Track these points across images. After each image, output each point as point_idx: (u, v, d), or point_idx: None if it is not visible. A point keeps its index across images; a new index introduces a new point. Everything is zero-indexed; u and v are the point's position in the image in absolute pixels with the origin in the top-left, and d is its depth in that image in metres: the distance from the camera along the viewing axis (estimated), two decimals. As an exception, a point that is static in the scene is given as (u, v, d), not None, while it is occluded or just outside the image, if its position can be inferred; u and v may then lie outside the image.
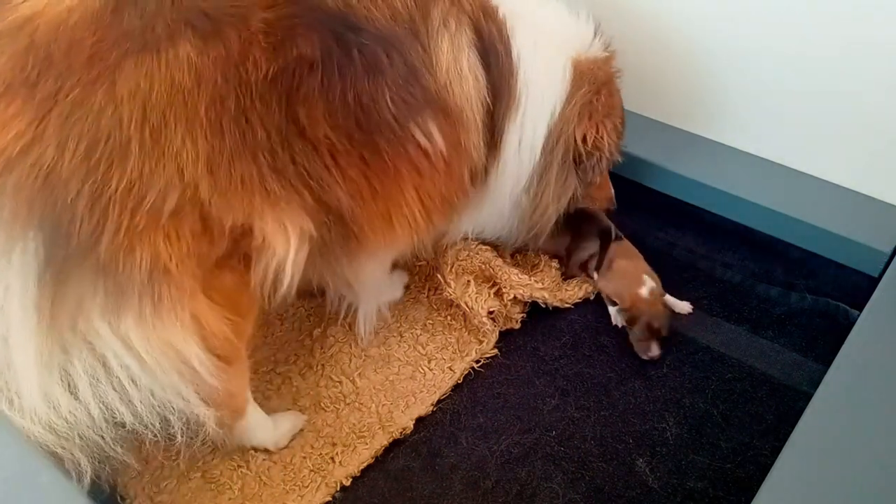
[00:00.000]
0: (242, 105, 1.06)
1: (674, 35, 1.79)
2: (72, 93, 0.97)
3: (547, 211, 1.57)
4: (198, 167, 1.03)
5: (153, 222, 1.02)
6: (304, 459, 1.40)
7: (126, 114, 0.98)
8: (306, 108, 1.12)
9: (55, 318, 1.00)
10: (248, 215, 1.10)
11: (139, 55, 0.99)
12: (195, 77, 1.02)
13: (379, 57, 1.18)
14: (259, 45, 1.07)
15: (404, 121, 1.21)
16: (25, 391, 1.01)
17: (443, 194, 1.34)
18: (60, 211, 0.96)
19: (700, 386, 1.53)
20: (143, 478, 1.36)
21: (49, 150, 0.95)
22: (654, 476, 1.38)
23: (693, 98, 1.86)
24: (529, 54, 1.39)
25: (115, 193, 0.98)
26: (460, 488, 1.37)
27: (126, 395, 1.08)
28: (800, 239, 1.71)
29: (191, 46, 1.02)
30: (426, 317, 1.66)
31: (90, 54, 0.98)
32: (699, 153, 1.84)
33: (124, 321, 1.03)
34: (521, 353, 1.61)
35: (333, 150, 1.16)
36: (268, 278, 1.19)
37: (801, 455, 1.20)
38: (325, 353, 1.59)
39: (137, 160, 0.99)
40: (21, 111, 0.95)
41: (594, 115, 1.49)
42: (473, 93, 1.31)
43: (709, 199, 1.79)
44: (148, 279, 1.03)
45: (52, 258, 0.97)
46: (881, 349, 1.35)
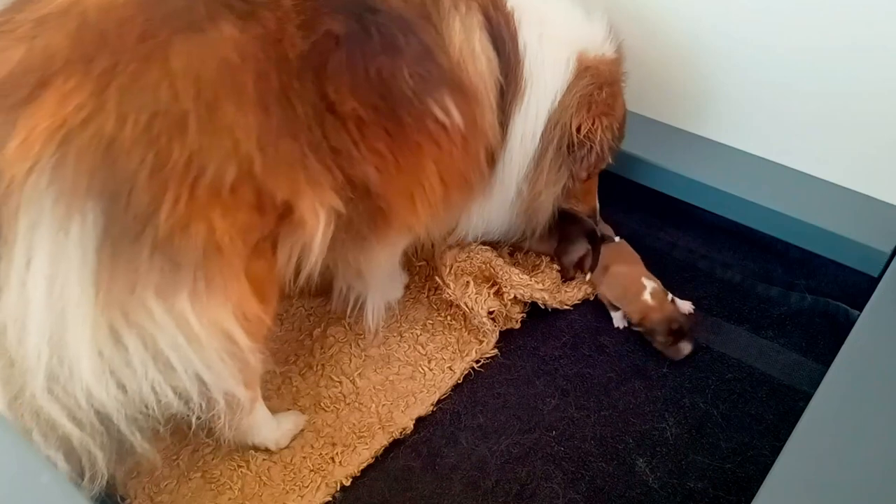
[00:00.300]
0: (283, 82, 1.10)
1: (674, 34, 1.78)
2: (128, 67, 0.99)
3: (541, 197, 1.58)
4: (251, 142, 1.07)
5: (214, 195, 1.05)
6: (304, 459, 1.40)
7: (181, 88, 1.01)
8: (334, 83, 1.16)
9: (111, 293, 1.00)
10: (293, 192, 1.14)
11: (187, 33, 1.03)
12: (240, 54, 1.06)
13: (396, 36, 1.22)
14: (293, 22, 1.12)
15: (422, 95, 1.25)
16: (78, 371, 1.01)
17: (460, 170, 1.37)
18: (121, 182, 0.98)
19: (700, 386, 1.53)
20: (143, 478, 1.36)
21: (110, 121, 0.97)
22: (654, 476, 1.38)
23: (693, 98, 1.86)
24: (535, 46, 1.42)
25: (176, 165, 1.00)
26: (460, 488, 1.37)
27: (171, 376, 1.09)
28: (800, 239, 1.71)
29: (232, 25, 1.06)
30: (426, 317, 1.66)
31: (141, 31, 1.01)
32: (699, 153, 1.84)
33: (179, 299, 1.05)
34: (521, 353, 1.61)
35: (360, 123, 1.20)
36: (292, 261, 1.23)
37: (801, 455, 1.20)
38: (325, 353, 1.59)
39: (196, 133, 1.02)
40: (81, 85, 0.97)
41: (593, 108, 1.50)
42: (487, 72, 1.35)
43: (709, 199, 1.79)
44: (202, 256, 1.05)
45: (110, 230, 0.98)
46: (881, 349, 1.35)
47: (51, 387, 1.01)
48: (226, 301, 1.09)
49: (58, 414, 1.03)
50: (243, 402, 1.24)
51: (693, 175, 1.79)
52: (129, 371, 1.05)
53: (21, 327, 0.98)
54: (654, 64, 1.82)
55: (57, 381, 1.01)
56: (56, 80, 0.97)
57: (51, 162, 0.95)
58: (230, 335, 1.11)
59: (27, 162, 0.94)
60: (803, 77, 1.66)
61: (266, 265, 1.19)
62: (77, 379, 1.01)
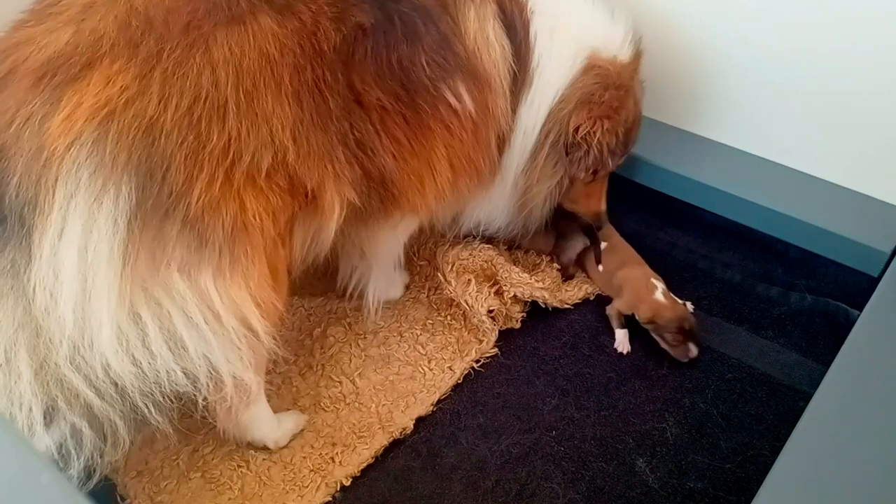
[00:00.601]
0: (317, 75, 1.15)
1: (674, 34, 1.78)
2: (173, 54, 1.04)
3: (532, 191, 1.57)
4: (285, 132, 1.12)
5: (250, 180, 1.10)
6: (304, 459, 1.40)
7: (222, 76, 1.06)
8: (360, 74, 1.21)
9: (138, 266, 1.03)
10: (320, 182, 1.19)
11: (228, 25, 1.08)
12: (279, 47, 1.11)
13: (416, 24, 1.26)
14: (326, 16, 1.16)
15: (437, 82, 1.29)
16: (97, 338, 1.03)
17: (470, 156, 1.39)
18: (158, 160, 1.02)
19: (700, 386, 1.53)
20: (143, 478, 1.36)
21: (153, 103, 1.02)
22: (654, 476, 1.38)
23: (693, 98, 1.86)
24: (545, 38, 1.43)
25: (213, 149, 1.06)
26: (460, 488, 1.37)
27: (182, 355, 1.10)
28: (800, 239, 1.71)
29: (271, 20, 1.11)
30: (426, 317, 1.66)
31: (187, 21, 1.06)
32: (699, 153, 1.84)
33: (203, 275, 1.08)
34: (521, 353, 1.61)
35: (384, 112, 1.24)
36: (305, 246, 1.29)
37: (801, 455, 1.20)
38: (325, 353, 1.59)
39: (235, 119, 1.07)
40: (126, 67, 1.02)
41: (594, 108, 1.48)
42: (500, 61, 1.38)
43: (709, 199, 1.79)
44: (231, 234, 1.09)
45: (142, 205, 1.02)
46: (881, 349, 1.35)
47: (72, 356, 1.03)
48: (248, 282, 1.13)
49: (79, 383, 1.05)
50: (251, 387, 1.25)
51: (693, 175, 1.79)
52: (142, 347, 1.07)
53: (49, 295, 1.01)
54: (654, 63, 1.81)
55: (78, 351, 1.03)
56: (103, 62, 1.02)
57: (91, 137, 0.99)
58: (246, 317, 1.14)
59: (69, 137, 0.99)
60: (803, 77, 1.66)
61: (283, 253, 1.23)
62: (97, 350, 1.04)
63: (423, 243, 1.77)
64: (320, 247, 1.32)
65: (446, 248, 1.69)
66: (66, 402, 1.06)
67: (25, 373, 1.04)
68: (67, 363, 1.03)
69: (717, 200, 1.78)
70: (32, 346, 1.03)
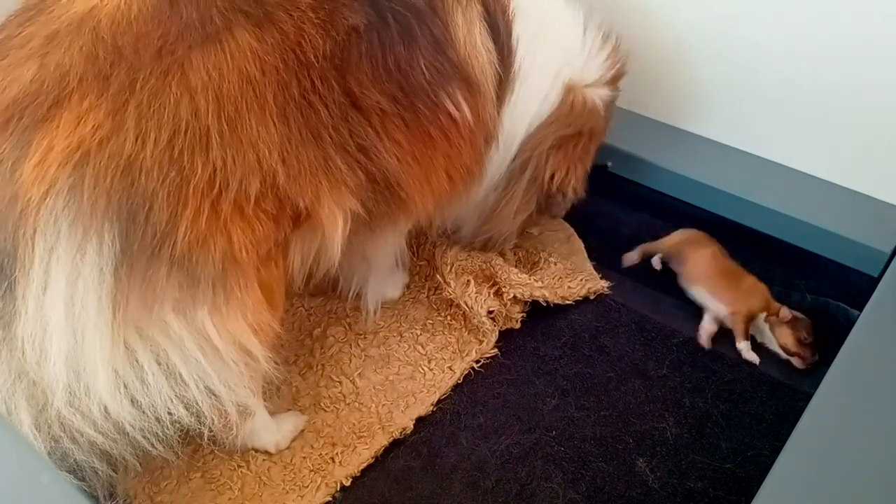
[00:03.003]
0: (304, 87, 1.08)
1: (673, 32, 1.79)
2: (147, 84, 0.97)
3: (503, 222, 1.57)
4: (273, 155, 1.06)
5: (237, 210, 1.04)
6: (304, 459, 1.40)
7: (202, 105, 1.00)
8: (356, 77, 1.14)
9: (129, 310, 1.00)
10: (315, 199, 1.14)
11: (204, 46, 1.01)
12: (260, 66, 1.04)
13: (412, 24, 1.20)
14: (312, 22, 1.09)
15: (437, 88, 1.24)
16: (95, 389, 1.01)
17: (466, 163, 1.37)
18: (139, 201, 0.97)
19: (700, 386, 1.53)
20: (143, 478, 1.36)
21: (129, 140, 0.96)
22: (654, 476, 1.38)
23: (693, 97, 1.86)
24: (528, 43, 1.39)
25: (199, 182, 1.00)
26: (460, 488, 1.37)
27: (183, 391, 1.09)
28: (800, 239, 1.71)
29: (249, 35, 1.04)
30: (426, 317, 1.66)
31: (158, 46, 0.99)
32: (699, 153, 1.84)
33: (199, 313, 1.04)
34: (521, 353, 1.60)
35: (383, 115, 1.19)
36: (306, 264, 1.25)
37: (801, 455, 1.20)
38: (325, 353, 1.59)
39: (219, 149, 1.01)
40: (97, 103, 0.96)
41: (568, 155, 1.49)
42: (487, 65, 1.34)
43: (709, 199, 1.79)
44: (222, 269, 1.04)
45: (127, 250, 0.97)
46: (881, 349, 1.35)
47: (71, 402, 1.01)
48: (244, 313, 1.09)
49: (81, 425, 1.03)
50: (254, 410, 1.24)
51: (693, 175, 1.79)
52: (142, 387, 1.05)
53: (39, 350, 0.98)
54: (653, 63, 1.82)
55: (76, 398, 1.01)
56: (71, 99, 0.95)
57: (67, 184, 0.94)
58: (246, 347, 1.12)
59: (43, 185, 0.94)
60: (803, 76, 1.66)
61: (277, 273, 1.18)
62: (94, 395, 1.01)
63: (422, 244, 1.77)
64: (328, 261, 1.28)
65: (444, 249, 1.69)
66: (72, 442, 1.05)
67: (26, 420, 1.03)
68: (68, 408, 1.02)
69: (717, 200, 1.78)
70: (31, 394, 1.02)
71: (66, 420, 1.03)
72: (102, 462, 1.10)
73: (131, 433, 1.06)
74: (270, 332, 1.17)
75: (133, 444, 1.08)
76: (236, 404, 1.16)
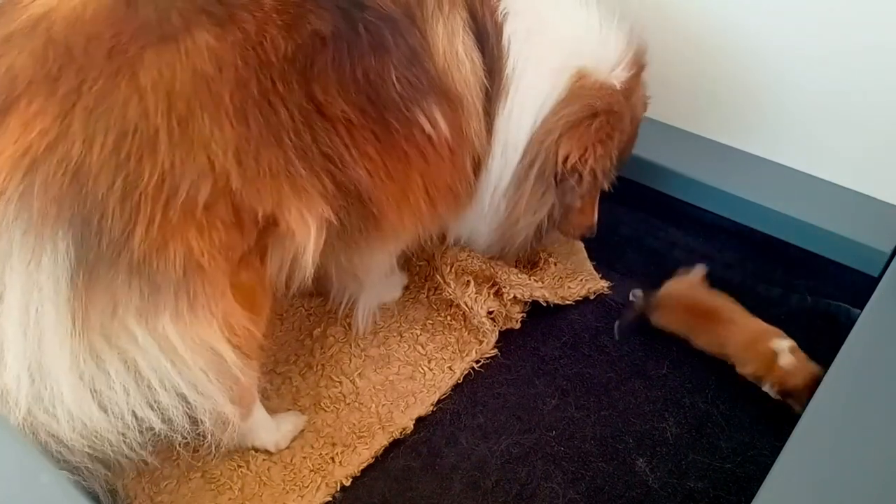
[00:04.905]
0: (264, 87, 1.05)
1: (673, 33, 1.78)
2: (95, 86, 0.95)
3: (518, 223, 1.48)
4: (227, 156, 1.02)
5: (188, 215, 1.00)
6: (305, 459, 1.40)
7: (151, 104, 0.96)
8: (321, 84, 1.10)
9: (89, 321, 0.98)
10: (276, 204, 1.10)
11: (158, 46, 0.98)
12: (216, 64, 1.01)
13: (384, 35, 1.16)
14: (275, 23, 1.06)
15: (410, 103, 1.20)
16: (59, 397, 1.00)
17: (447, 183, 1.32)
18: (90, 208, 0.94)
19: (700, 386, 1.53)
20: (143, 478, 1.36)
21: (76, 145, 0.93)
22: (654, 476, 1.38)
23: (692, 97, 1.86)
24: (521, 42, 1.32)
25: (147, 186, 0.96)
26: (460, 488, 1.37)
27: (154, 397, 1.07)
28: (800, 239, 1.71)
29: (208, 34, 1.01)
30: (426, 317, 1.66)
31: (110, 47, 0.96)
32: (699, 153, 1.84)
33: (161, 320, 1.02)
34: (521, 353, 1.60)
35: (350, 126, 1.14)
36: (284, 270, 1.20)
37: (801, 455, 1.20)
38: (325, 353, 1.59)
39: (167, 151, 0.97)
40: (44, 108, 0.93)
41: (583, 136, 1.37)
42: (472, 77, 1.28)
43: (709, 199, 1.79)
44: (183, 275, 1.02)
45: (83, 258, 0.95)
46: (881, 349, 1.35)
47: (42, 408, 1.01)
48: (211, 318, 1.07)
49: (57, 430, 1.03)
50: (232, 419, 1.21)
51: (693, 175, 1.79)
52: (111, 393, 1.04)
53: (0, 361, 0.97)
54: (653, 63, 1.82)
55: (44, 403, 1.00)
56: (19, 104, 0.93)
57: (17, 192, 0.92)
58: (217, 352, 1.09)
59: None
60: (803, 76, 1.65)
61: (255, 277, 1.16)
62: (59, 403, 1.00)
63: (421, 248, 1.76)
64: (304, 271, 1.21)
65: (444, 250, 1.69)
66: (59, 445, 1.04)
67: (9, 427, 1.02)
68: (42, 415, 1.01)
69: (717, 200, 1.78)
70: (4, 402, 1.00)
71: (44, 426, 1.02)
72: (95, 463, 1.09)
73: (106, 437, 1.05)
74: (250, 337, 1.14)
75: (114, 448, 1.07)
76: (212, 412, 1.14)
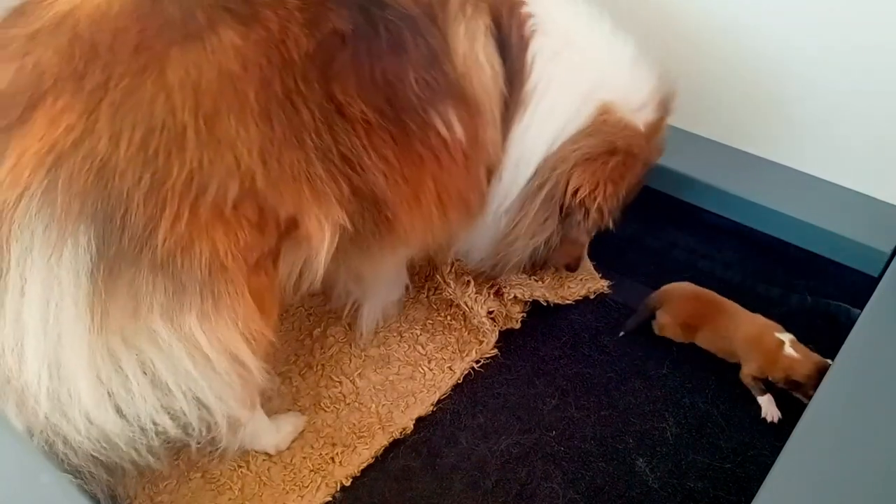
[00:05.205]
0: (287, 87, 1.05)
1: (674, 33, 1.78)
2: (121, 82, 0.95)
3: (515, 243, 1.45)
4: (252, 156, 1.02)
5: (217, 213, 1.01)
6: (305, 459, 1.40)
7: (179, 102, 0.97)
8: (341, 83, 1.10)
9: (108, 318, 0.98)
10: (297, 207, 1.10)
11: (184, 43, 0.98)
12: (241, 62, 1.01)
13: (404, 35, 1.15)
14: (297, 21, 1.06)
15: (426, 105, 1.19)
16: (77, 397, 1.00)
17: (459, 190, 1.30)
18: (114, 203, 0.95)
19: (700, 386, 1.53)
20: (143, 478, 1.36)
21: (102, 141, 0.94)
22: (654, 476, 1.38)
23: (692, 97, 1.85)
24: (546, 63, 1.30)
25: (175, 183, 0.97)
26: (460, 488, 1.37)
27: (170, 401, 1.07)
28: (800, 239, 1.71)
29: (233, 32, 1.01)
30: (426, 317, 1.66)
31: (136, 44, 0.97)
32: (699, 153, 1.84)
33: (188, 320, 1.02)
34: (521, 353, 1.60)
35: (369, 127, 1.14)
36: (294, 274, 1.21)
37: (801, 455, 1.20)
38: (325, 353, 1.59)
39: (196, 149, 0.98)
40: (70, 104, 0.94)
41: (596, 173, 1.36)
42: (491, 84, 1.26)
43: (709, 199, 1.79)
44: (209, 275, 1.02)
45: (105, 253, 0.95)
46: (881, 349, 1.35)
47: (56, 407, 1.00)
48: (235, 320, 1.07)
49: (67, 430, 1.02)
50: (243, 422, 1.22)
51: (693, 175, 1.79)
52: (127, 396, 1.04)
53: (19, 355, 0.97)
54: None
55: (59, 402, 1.00)
56: (46, 100, 0.94)
57: (41, 187, 0.93)
58: (237, 356, 1.10)
59: (18, 188, 0.92)
60: (804, 76, 1.65)
61: (267, 280, 1.16)
62: (76, 401, 1.00)
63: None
64: (314, 275, 1.22)
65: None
66: (65, 446, 1.04)
67: (18, 425, 1.02)
68: (54, 414, 1.01)
69: (717, 200, 1.78)
70: (19, 400, 1.01)
71: (54, 425, 1.02)
72: (98, 467, 1.09)
73: (117, 442, 1.05)
74: (263, 340, 1.15)
75: (122, 453, 1.07)
76: (227, 416, 1.14)
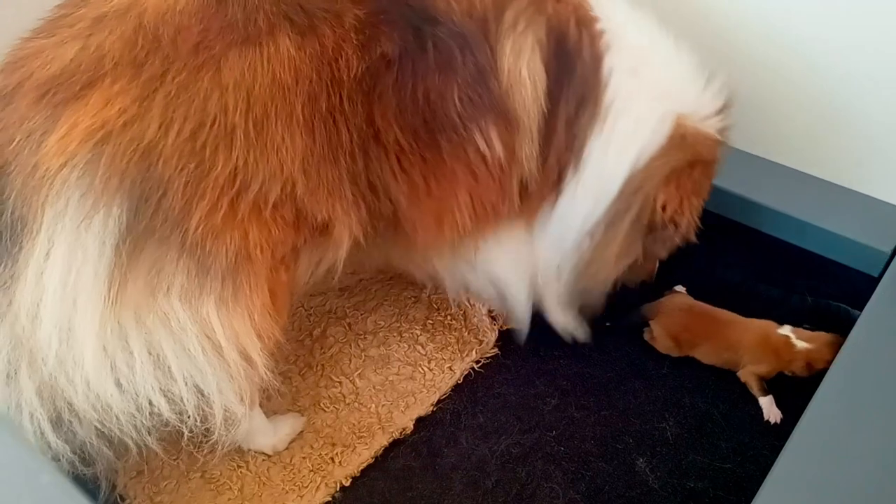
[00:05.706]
0: (332, 104, 1.09)
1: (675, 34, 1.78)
2: (179, 76, 1.00)
3: (601, 271, 1.38)
4: (295, 165, 1.07)
5: (256, 210, 1.06)
6: (304, 460, 1.40)
7: (231, 102, 1.01)
8: (381, 108, 1.13)
9: (126, 291, 1.01)
10: (330, 216, 1.14)
11: (242, 47, 1.03)
12: (294, 73, 1.05)
13: (453, 52, 1.16)
14: (351, 42, 1.09)
15: (468, 122, 1.19)
16: (81, 363, 1.02)
17: (493, 203, 1.29)
18: (153, 185, 0.99)
19: (700, 386, 1.53)
20: (143, 478, 1.36)
21: (152, 127, 0.99)
22: (654, 476, 1.38)
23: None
24: (624, 80, 1.25)
25: (217, 177, 1.02)
26: (460, 488, 1.37)
27: (170, 384, 1.08)
28: (800, 239, 1.71)
29: (289, 41, 1.05)
30: (426, 317, 1.66)
31: (197, 41, 1.01)
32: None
33: (206, 304, 1.06)
34: (521, 353, 1.60)
35: (401, 153, 1.17)
36: (307, 276, 1.25)
37: (801, 455, 1.20)
38: (325, 353, 1.59)
39: (243, 148, 1.03)
40: (126, 89, 0.99)
41: (682, 186, 1.32)
42: (531, 100, 1.24)
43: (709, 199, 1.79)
44: (234, 263, 1.06)
45: (134, 228, 0.99)
46: (881, 349, 1.35)
47: (62, 370, 1.03)
48: (251, 312, 1.10)
49: (74, 398, 1.04)
50: (239, 418, 1.22)
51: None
52: (128, 372, 1.05)
53: (34, 316, 1.00)
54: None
55: (65, 366, 1.02)
56: (104, 81, 0.99)
57: (84, 159, 0.97)
58: (246, 350, 1.12)
59: (63, 157, 0.97)
60: (804, 77, 1.65)
61: (286, 279, 1.19)
62: (79, 368, 1.02)
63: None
64: (322, 273, 1.29)
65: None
66: (70, 413, 1.06)
67: (27, 387, 1.04)
68: (61, 378, 1.03)
69: (717, 200, 1.77)
70: (31, 361, 1.03)
71: (60, 389, 1.04)
72: (103, 441, 1.10)
73: (117, 414, 1.07)
74: (272, 339, 1.17)
75: (122, 426, 1.08)
76: (224, 409, 1.15)
